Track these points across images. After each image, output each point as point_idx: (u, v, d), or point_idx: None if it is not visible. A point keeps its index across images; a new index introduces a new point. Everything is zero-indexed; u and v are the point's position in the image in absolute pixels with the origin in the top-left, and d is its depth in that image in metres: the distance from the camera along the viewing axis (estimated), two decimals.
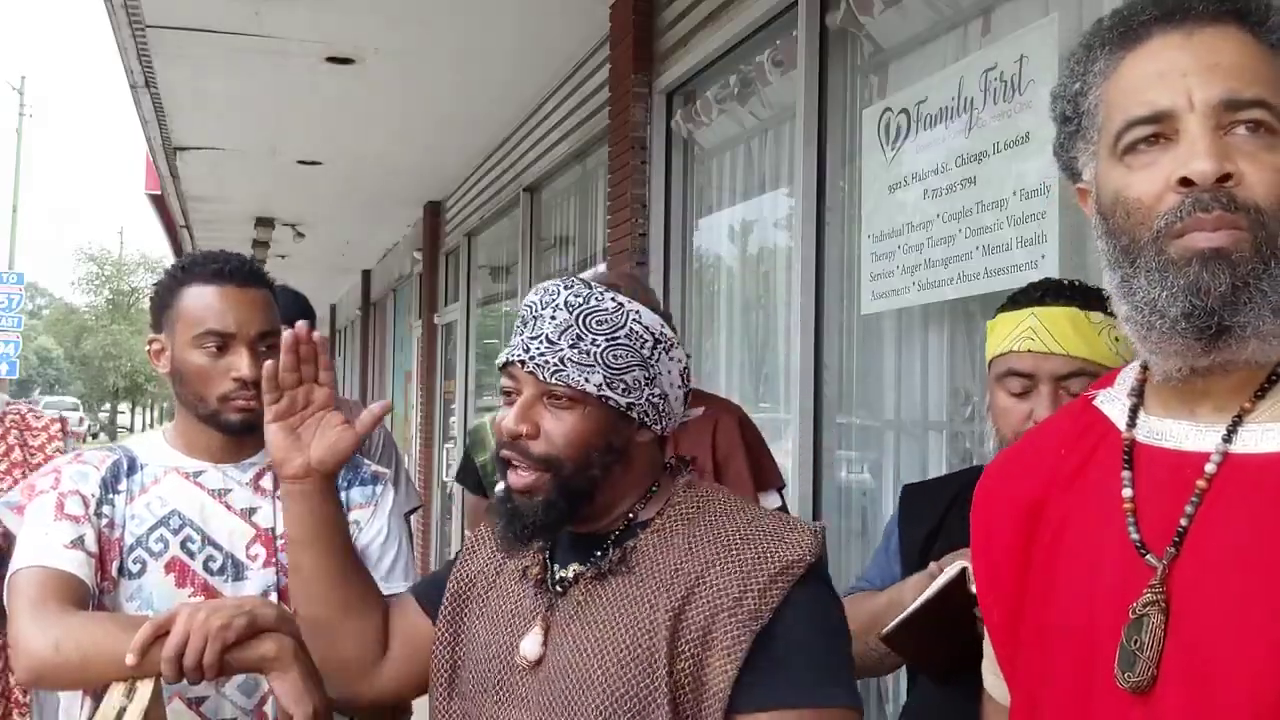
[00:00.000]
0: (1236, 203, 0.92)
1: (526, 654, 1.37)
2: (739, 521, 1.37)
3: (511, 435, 1.36)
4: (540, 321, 1.37)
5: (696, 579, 1.31)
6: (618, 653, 1.30)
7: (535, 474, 1.36)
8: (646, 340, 1.38)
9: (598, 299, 1.38)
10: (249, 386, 1.77)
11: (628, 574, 1.36)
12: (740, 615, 1.27)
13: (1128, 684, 0.94)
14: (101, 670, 1.54)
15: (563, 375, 1.34)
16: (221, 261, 1.82)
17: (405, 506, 3.24)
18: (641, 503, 1.43)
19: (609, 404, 1.36)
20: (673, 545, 1.36)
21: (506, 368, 1.39)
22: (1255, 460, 0.94)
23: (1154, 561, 0.95)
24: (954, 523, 1.84)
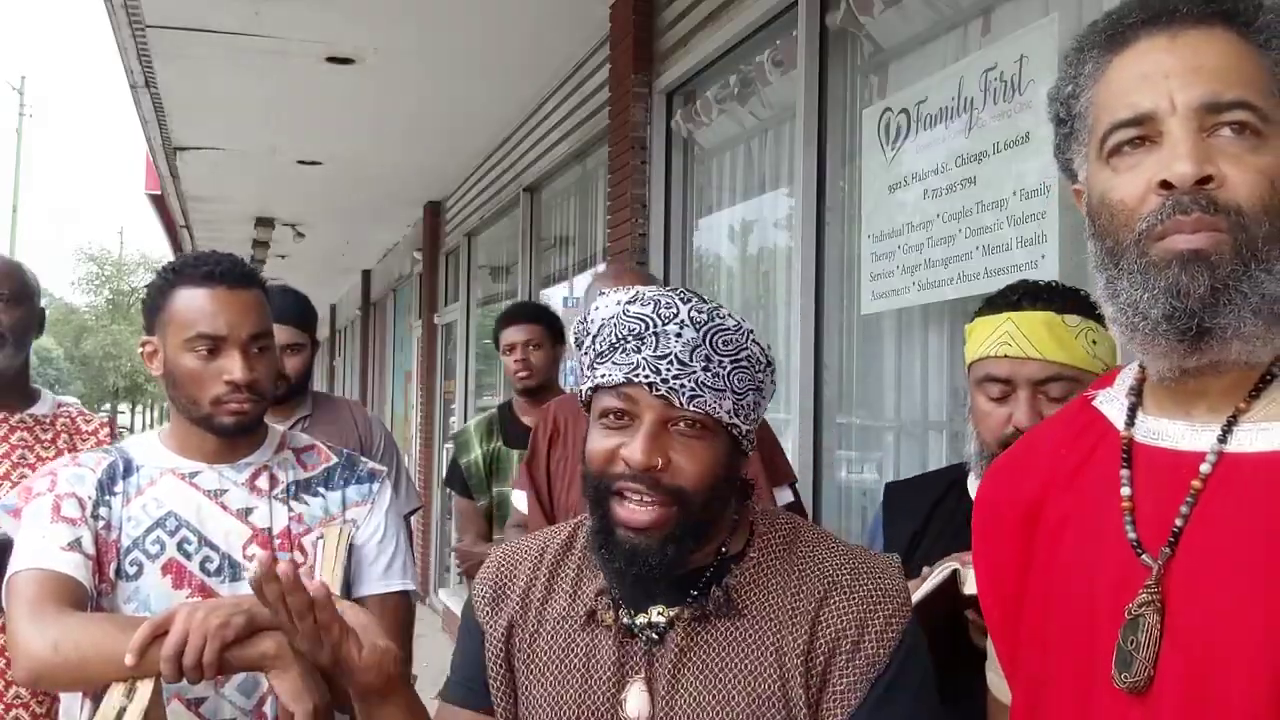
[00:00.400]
0: (1216, 205, 0.92)
1: (636, 713, 1.25)
2: (837, 551, 1.31)
3: (644, 467, 1.23)
4: (664, 339, 1.24)
5: (814, 617, 1.25)
6: (749, 701, 1.22)
7: (661, 509, 1.23)
8: (761, 362, 1.30)
9: (720, 316, 1.27)
10: (241, 389, 1.77)
11: (736, 615, 1.27)
12: (858, 661, 1.23)
13: (1125, 684, 0.94)
14: (100, 671, 1.54)
15: (700, 401, 1.23)
16: (212, 263, 1.81)
17: (405, 507, 3.25)
18: (729, 535, 1.33)
19: (732, 432, 1.27)
20: (777, 581, 1.28)
21: (620, 388, 1.25)
22: (1251, 459, 0.94)
23: (1149, 562, 0.96)
24: (939, 521, 1.84)
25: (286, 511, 1.84)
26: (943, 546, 1.79)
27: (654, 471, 1.23)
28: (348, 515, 1.87)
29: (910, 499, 1.92)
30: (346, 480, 1.91)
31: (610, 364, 1.26)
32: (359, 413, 3.54)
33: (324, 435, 2.39)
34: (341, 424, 3.36)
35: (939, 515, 1.84)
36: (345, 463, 1.94)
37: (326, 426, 3.21)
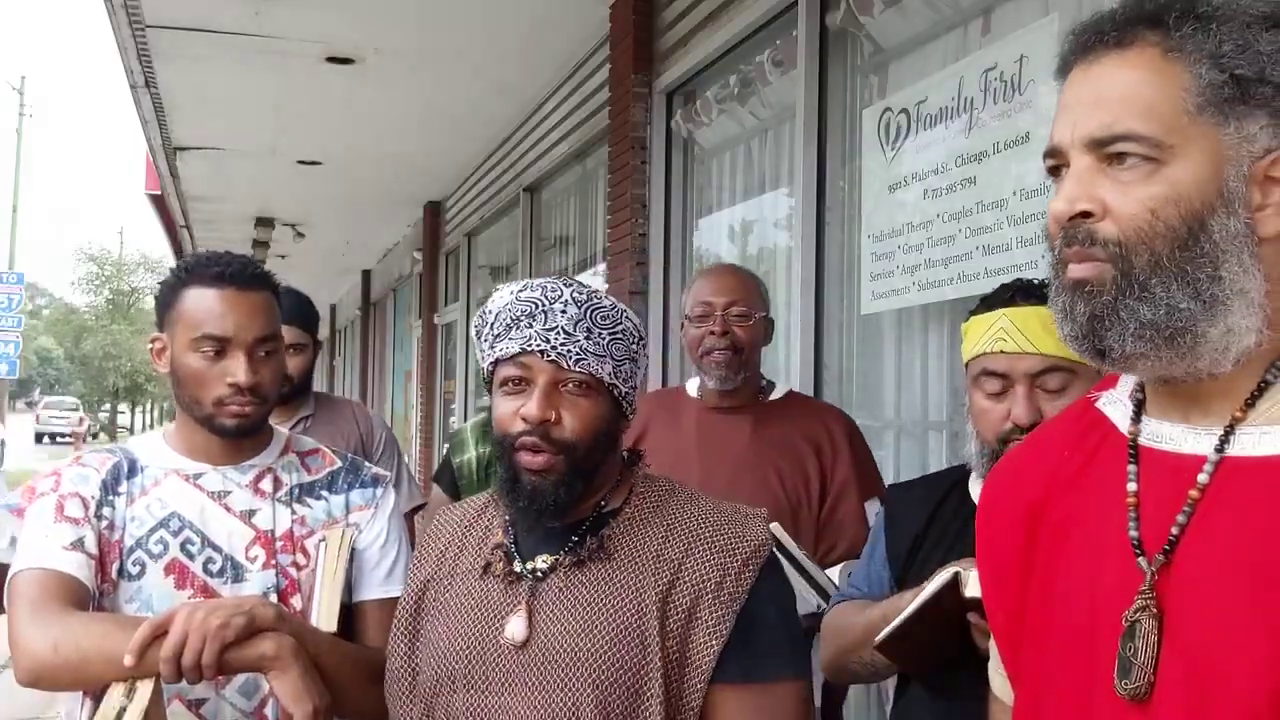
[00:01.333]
0: (1094, 238, 0.97)
1: (513, 636, 1.44)
2: (703, 510, 1.52)
3: (538, 420, 1.45)
4: (551, 315, 1.47)
5: (679, 564, 1.45)
6: (611, 632, 1.41)
7: (552, 456, 1.45)
8: (635, 336, 1.53)
9: (596, 297, 1.51)
10: (244, 392, 1.76)
11: (607, 560, 1.47)
12: (722, 596, 1.43)
13: (1125, 691, 0.94)
14: (100, 671, 1.54)
15: (584, 363, 1.46)
16: (224, 264, 1.81)
17: (407, 505, 3.25)
18: (609, 493, 1.54)
19: (614, 392, 1.49)
20: (647, 532, 1.49)
21: (516, 358, 1.47)
22: (1252, 463, 0.94)
23: (1144, 566, 0.96)
24: (940, 523, 1.84)
25: (289, 514, 1.84)
26: (944, 548, 1.80)
27: (547, 424, 1.45)
28: (350, 519, 1.87)
29: (911, 502, 1.92)
30: (350, 484, 1.91)
31: (507, 340, 1.49)
32: (360, 412, 3.54)
33: (326, 435, 2.40)
34: (343, 424, 3.37)
35: (940, 517, 1.84)
36: (349, 467, 1.94)
37: (328, 426, 3.21)
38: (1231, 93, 0.95)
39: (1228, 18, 0.96)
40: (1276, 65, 0.95)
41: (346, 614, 1.78)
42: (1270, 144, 0.95)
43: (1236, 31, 0.95)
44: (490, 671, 1.45)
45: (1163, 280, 0.95)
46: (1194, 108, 0.95)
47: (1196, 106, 0.95)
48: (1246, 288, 0.94)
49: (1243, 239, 0.95)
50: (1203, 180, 0.95)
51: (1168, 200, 0.95)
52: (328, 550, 1.81)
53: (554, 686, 1.40)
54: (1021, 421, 1.65)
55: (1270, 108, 0.95)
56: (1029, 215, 2.61)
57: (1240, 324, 0.94)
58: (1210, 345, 0.95)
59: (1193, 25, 0.96)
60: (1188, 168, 0.95)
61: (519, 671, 1.43)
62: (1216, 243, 0.94)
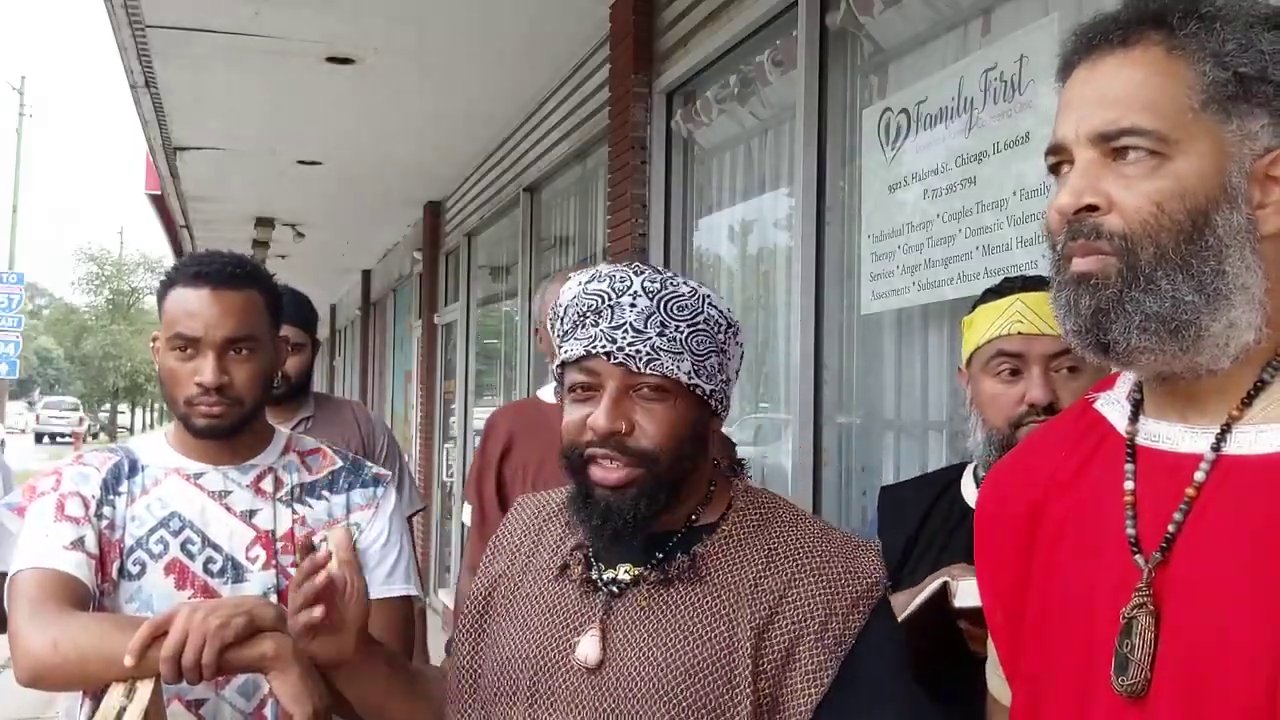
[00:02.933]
0: (1100, 231, 0.98)
1: (585, 657, 1.31)
2: (812, 534, 1.36)
3: (607, 432, 1.30)
4: (619, 310, 1.31)
5: (779, 597, 1.30)
6: (694, 666, 1.27)
7: (628, 470, 1.31)
8: (721, 324, 1.36)
9: (672, 283, 1.34)
10: (210, 392, 1.76)
11: (698, 582, 1.32)
12: (826, 640, 1.27)
13: (1122, 688, 0.94)
14: (100, 670, 1.54)
15: (657, 364, 1.30)
16: (205, 263, 1.81)
17: (408, 509, 3.25)
18: (703, 504, 1.39)
19: (696, 392, 1.33)
20: (746, 556, 1.33)
21: (582, 362, 1.33)
22: (1249, 461, 0.95)
23: (1141, 564, 0.96)
24: (933, 524, 1.84)
25: (290, 514, 1.84)
26: (937, 549, 1.80)
27: (619, 436, 1.30)
28: (351, 519, 1.87)
29: (905, 502, 1.92)
30: (351, 484, 1.91)
31: (573, 340, 1.34)
32: (361, 414, 3.54)
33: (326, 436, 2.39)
34: (344, 425, 3.36)
35: (933, 518, 1.84)
36: (350, 466, 1.94)
37: (329, 428, 3.21)
38: (1234, 90, 0.96)
39: (1231, 18, 0.97)
40: (1277, 65, 0.96)
41: None
42: (1271, 143, 0.96)
43: (1239, 31, 0.96)
44: (555, 690, 1.32)
45: (1168, 273, 0.95)
46: (1198, 105, 0.96)
47: (1200, 103, 0.96)
48: (1248, 283, 0.95)
49: (1245, 234, 0.96)
50: (1206, 175, 0.96)
51: (1173, 194, 0.96)
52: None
53: (625, 717, 1.27)
54: (1038, 401, 1.66)
55: (1271, 107, 0.96)
56: (1029, 215, 2.61)
57: (1241, 319, 0.95)
58: (1212, 339, 0.96)
59: (1196, 24, 0.97)
60: (1192, 163, 0.96)
61: (588, 694, 1.30)
62: (1220, 237, 0.95)
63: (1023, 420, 1.67)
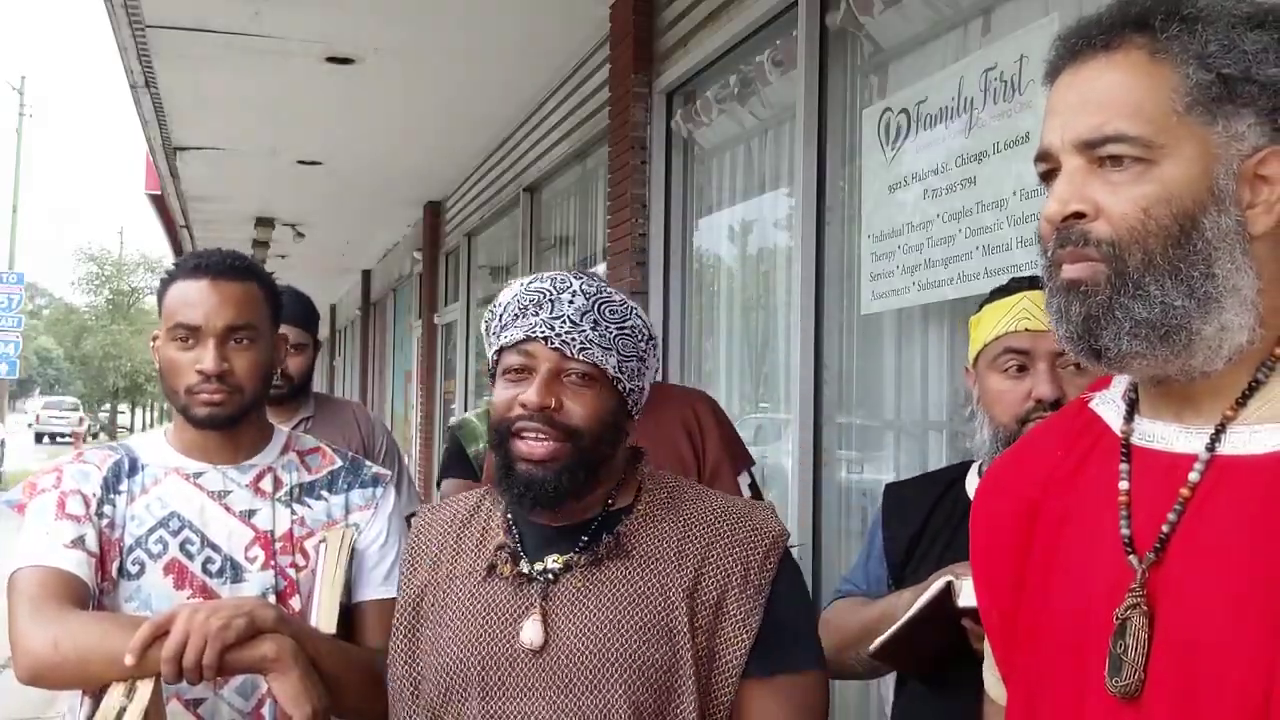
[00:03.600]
0: (1088, 238, 0.98)
1: (529, 642, 1.40)
2: (718, 503, 1.51)
3: (537, 406, 1.41)
4: (558, 304, 1.45)
5: (701, 559, 1.43)
6: (638, 631, 1.39)
7: (556, 444, 1.42)
8: (644, 334, 1.51)
9: (606, 290, 1.50)
10: (211, 380, 1.77)
11: (625, 558, 1.44)
12: (748, 591, 1.42)
13: (1116, 689, 0.94)
14: (100, 670, 1.54)
15: (588, 353, 1.43)
16: (204, 258, 1.83)
17: (407, 509, 3.24)
18: (615, 490, 1.51)
19: (617, 386, 1.47)
20: (663, 529, 1.46)
21: (520, 345, 1.45)
22: (1244, 461, 0.95)
23: (1135, 564, 0.96)
24: (937, 522, 1.84)
25: (289, 514, 1.84)
26: (941, 547, 1.80)
27: (548, 410, 1.42)
28: (350, 519, 1.87)
29: (908, 500, 1.92)
30: (350, 484, 1.91)
31: (513, 328, 1.47)
32: (361, 414, 3.54)
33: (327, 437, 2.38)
34: (344, 425, 3.36)
35: (937, 516, 1.85)
36: (349, 466, 1.94)
37: (329, 428, 3.21)
38: (1219, 92, 0.95)
39: (1213, 19, 0.97)
40: (1262, 64, 0.95)
41: (345, 615, 1.78)
42: (1258, 142, 0.96)
43: (1222, 32, 0.96)
44: (506, 677, 1.41)
45: (1157, 278, 0.95)
46: (1182, 107, 0.96)
47: (1185, 106, 0.96)
48: (1239, 285, 0.95)
49: (1234, 236, 0.95)
50: (1193, 179, 0.95)
51: (1159, 199, 0.95)
52: (327, 551, 1.81)
53: (582, 689, 1.37)
54: (1045, 397, 1.67)
55: (1256, 106, 0.96)
56: (1029, 215, 2.61)
57: (1234, 321, 0.95)
58: (1204, 343, 0.95)
59: (1179, 27, 0.97)
60: (1178, 167, 0.95)
61: (540, 676, 1.39)
62: (1209, 240, 0.95)
63: (1029, 416, 1.68)
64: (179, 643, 1.50)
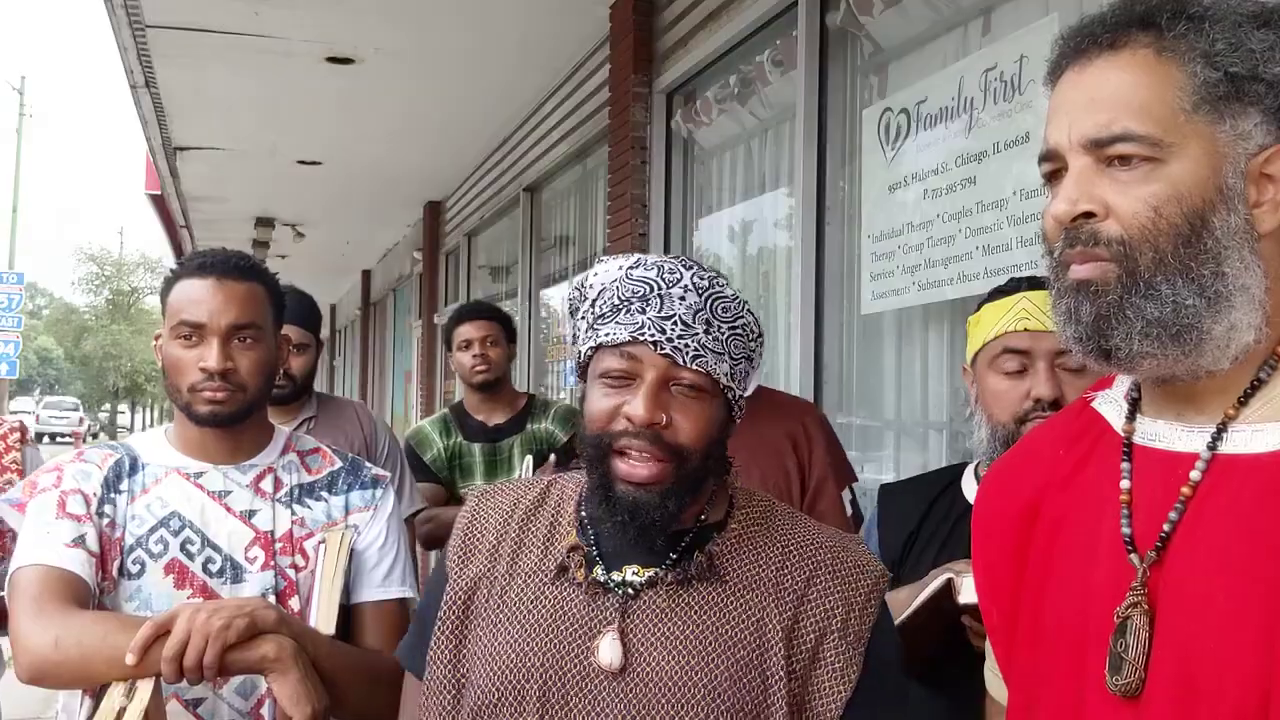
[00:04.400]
0: (1097, 238, 0.97)
1: (607, 662, 1.26)
2: (814, 530, 1.37)
3: (646, 423, 1.26)
4: (669, 301, 1.28)
5: (801, 595, 1.30)
6: (729, 666, 1.25)
7: (660, 465, 1.27)
8: (755, 333, 1.36)
9: (719, 284, 1.33)
10: (214, 377, 1.77)
11: (718, 582, 1.30)
12: (849, 638, 1.29)
13: (1116, 688, 0.94)
14: (101, 669, 1.55)
15: (702, 361, 1.27)
16: (209, 257, 1.84)
17: (408, 510, 3.25)
18: (708, 503, 1.36)
19: (727, 395, 1.32)
20: (760, 553, 1.33)
21: (623, 347, 1.28)
22: (1245, 460, 0.95)
23: (1136, 563, 0.96)
24: (933, 523, 1.84)
25: (289, 515, 1.84)
26: (937, 547, 1.80)
27: (656, 428, 1.26)
28: (350, 520, 1.87)
29: (905, 501, 1.92)
30: (350, 485, 1.91)
31: (614, 324, 1.29)
32: (364, 414, 3.54)
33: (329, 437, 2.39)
34: (347, 425, 3.36)
35: (933, 517, 1.85)
36: (350, 467, 1.94)
37: (332, 428, 3.21)
38: (1226, 90, 0.95)
39: (1219, 17, 0.96)
40: (1268, 63, 0.95)
41: (345, 615, 1.78)
42: (1264, 141, 0.96)
43: (1228, 30, 0.96)
44: (571, 697, 1.26)
45: (1168, 278, 0.95)
46: (1189, 106, 0.96)
47: (1192, 105, 0.95)
48: (1248, 283, 0.95)
49: (1243, 235, 0.95)
50: (1202, 177, 0.95)
51: (1169, 198, 0.95)
52: (327, 552, 1.81)
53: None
54: (1044, 396, 1.67)
55: (1263, 105, 0.95)
56: (1029, 215, 2.61)
57: (1242, 320, 0.95)
58: (1214, 342, 0.95)
59: (1185, 25, 0.97)
60: (1186, 166, 0.95)
61: (615, 701, 1.25)
62: (1219, 239, 0.95)
63: (1028, 416, 1.68)
64: (180, 642, 1.50)
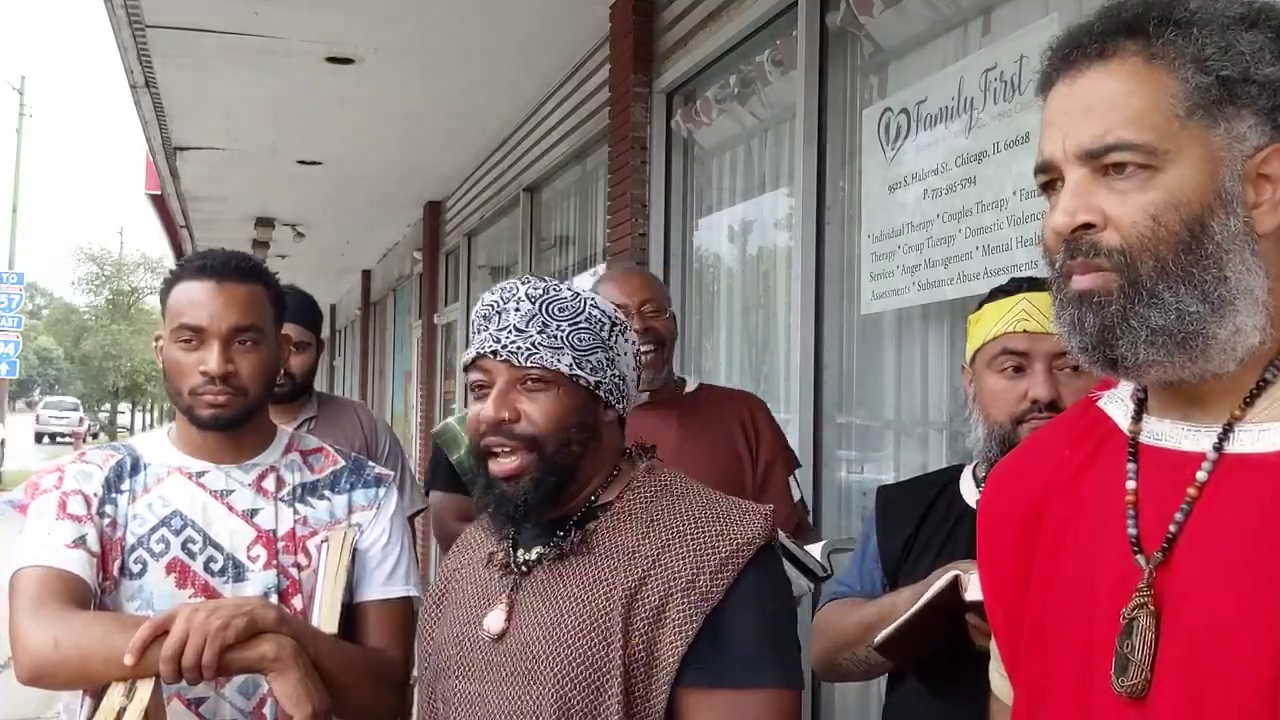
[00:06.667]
0: (1098, 248, 0.97)
1: (489, 629, 1.45)
2: (695, 504, 1.47)
3: (493, 422, 1.44)
4: (505, 315, 1.47)
5: (653, 561, 1.41)
6: (575, 627, 1.40)
7: (520, 456, 1.44)
8: (604, 323, 1.49)
9: (555, 289, 1.49)
10: (215, 381, 1.77)
11: (587, 554, 1.45)
12: (692, 596, 1.37)
13: (1123, 689, 0.94)
14: (101, 669, 1.55)
15: (536, 358, 1.43)
16: (209, 258, 1.83)
17: (409, 509, 3.24)
18: (603, 486, 1.51)
19: (579, 383, 1.46)
20: (631, 527, 1.46)
21: (476, 362, 1.48)
22: (1252, 460, 0.95)
23: (1142, 564, 0.96)
24: (931, 524, 1.84)
25: (291, 514, 1.84)
26: (935, 548, 1.80)
27: (506, 423, 1.44)
28: (353, 519, 1.87)
29: (903, 502, 1.92)
30: (353, 484, 1.91)
31: (472, 347, 1.49)
32: (364, 414, 3.54)
33: (330, 436, 2.39)
34: (347, 425, 3.37)
35: (932, 517, 1.85)
36: (352, 466, 1.94)
37: (332, 428, 3.21)
38: (1218, 94, 0.95)
39: (1207, 21, 0.96)
40: (1259, 64, 0.95)
41: (347, 614, 1.79)
42: (1260, 142, 0.96)
43: (1217, 33, 0.95)
44: (472, 661, 1.47)
45: (1170, 285, 0.95)
46: (1183, 112, 0.95)
47: (1185, 110, 0.95)
48: (1251, 286, 0.95)
49: (1243, 238, 0.95)
50: (1199, 183, 0.95)
51: (1168, 205, 0.95)
52: (329, 551, 1.81)
53: (523, 679, 1.41)
54: (1041, 398, 1.68)
55: (1256, 106, 0.95)
56: (1029, 215, 2.61)
57: (1247, 323, 0.95)
58: (1219, 346, 0.95)
59: (1173, 31, 0.96)
60: (1183, 172, 0.95)
61: (496, 662, 1.44)
62: (1219, 244, 0.95)
63: (1025, 416, 1.69)
64: (178, 642, 1.50)
